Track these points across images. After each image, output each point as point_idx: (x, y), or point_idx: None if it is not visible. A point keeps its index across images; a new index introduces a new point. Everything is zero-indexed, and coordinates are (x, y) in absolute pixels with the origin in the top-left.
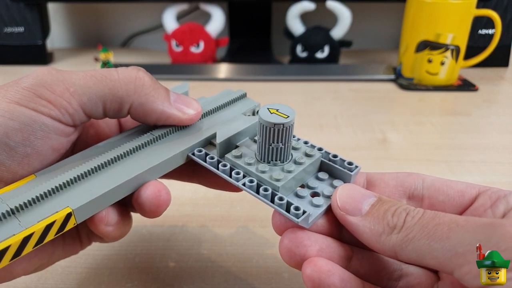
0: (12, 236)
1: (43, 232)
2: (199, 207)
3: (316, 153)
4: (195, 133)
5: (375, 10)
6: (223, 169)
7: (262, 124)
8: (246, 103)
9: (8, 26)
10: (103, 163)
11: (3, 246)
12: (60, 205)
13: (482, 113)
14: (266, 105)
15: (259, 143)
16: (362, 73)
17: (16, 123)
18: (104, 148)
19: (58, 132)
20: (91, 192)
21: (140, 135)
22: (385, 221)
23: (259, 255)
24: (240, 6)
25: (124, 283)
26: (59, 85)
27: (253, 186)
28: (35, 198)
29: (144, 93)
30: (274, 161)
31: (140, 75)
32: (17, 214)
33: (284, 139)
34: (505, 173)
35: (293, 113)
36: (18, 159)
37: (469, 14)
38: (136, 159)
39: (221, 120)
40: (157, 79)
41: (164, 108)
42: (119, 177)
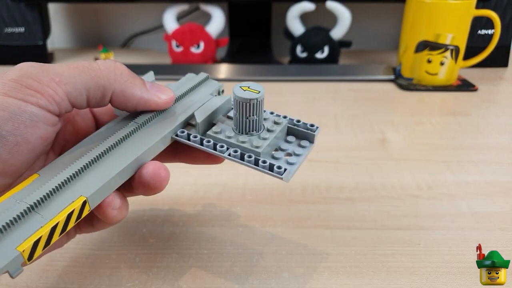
0: (40, 228)
1: (66, 221)
2: (199, 207)
3: (283, 120)
4: (173, 117)
5: (374, 10)
6: (207, 144)
7: (239, 100)
8: (211, 84)
9: (9, 27)
10: (101, 153)
11: (36, 238)
12: (74, 195)
13: (481, 113)
14: (238, 84)
15: (236, 118)
16: (361, 74)
17: (6, 113)
18: (96, 139)
19: (45, 121)
20: (98, 179)
21: (124, 125)
22: None
23: (259, 254)
24: (240, 6)
25: (125, 283)
26: (44, 76)
27: (237, 155)
28: (48, 192)
29: (123, 81)
30: (250, 131)
31: (118, 65)
32: (36, 209)
33: (258, 112)
34: (504, 173)
35: (263, 89)
36: (9, 148)
37: (468, 15)
38: (128, 145)
39: (192, 103)
40: (158, 80)
41: (143, 94)
42: (120, 163)
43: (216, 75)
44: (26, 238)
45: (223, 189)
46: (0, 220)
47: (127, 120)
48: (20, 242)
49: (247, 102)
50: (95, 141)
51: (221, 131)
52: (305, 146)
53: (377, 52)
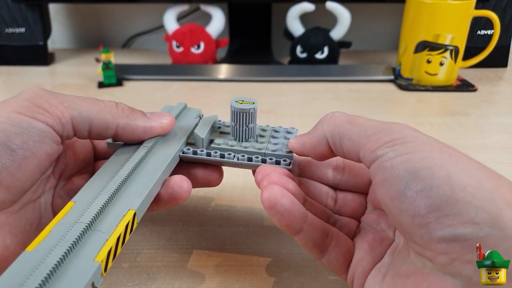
0: (107, 241)
1: (124, 233)
2: (199, 206)
3: (267, 128)
4: (174, 139)
5: (374, 11)
6: (215, 155)
7: (238, 112)
8: (192, 111)
9: (10, 27)
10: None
11: (108, 248)
12: (123, 210)
13: (481, 113)
14: (234, 99)
15: (235, 129)
16: (361, 74)
17: (17, 128)
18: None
19: (51, 138)
20: (138, 194)
21: (135, 149)
22: None
23: (259, 254)
24: (240, 7)
25: (125, 282)
26: (54, 99)
27: (245, 159)
28: (98, 211)
29: (126, 115)
30: (248, 139)
31: (119, 103)
32: (93, 227)
33: (254, 120)
34: (504, 173)
35: (256, 101)
36: (18, 161)
37: (468, 15)
38: (148, 165)
39: (185, 125)
40: (158, 80)
41: (146, 123)
42: (150, 178)
43: (216, 76)
44: (98, 250)
45: (223, 189)
46: (67, 240)
47: (134, 146)
48: (95, 254)
49: (246, 112)
50: (115, 166)
51: (223, 143)
52: (291, 132)
53: (377, 52)
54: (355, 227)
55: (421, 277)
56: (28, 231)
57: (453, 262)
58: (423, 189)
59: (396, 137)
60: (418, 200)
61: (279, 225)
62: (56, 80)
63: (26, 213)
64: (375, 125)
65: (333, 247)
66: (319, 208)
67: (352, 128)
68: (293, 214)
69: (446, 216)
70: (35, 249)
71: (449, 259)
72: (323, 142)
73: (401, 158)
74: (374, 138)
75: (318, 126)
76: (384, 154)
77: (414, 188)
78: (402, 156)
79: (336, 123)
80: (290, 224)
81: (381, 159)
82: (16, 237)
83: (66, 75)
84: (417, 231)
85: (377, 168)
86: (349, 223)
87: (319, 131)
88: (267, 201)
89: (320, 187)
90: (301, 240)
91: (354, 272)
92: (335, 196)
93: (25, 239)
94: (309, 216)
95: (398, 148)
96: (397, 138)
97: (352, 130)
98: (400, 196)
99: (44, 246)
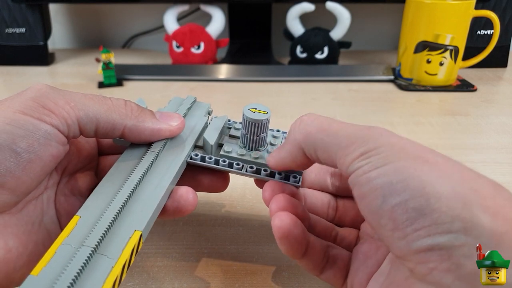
0: (112, 269)
1: (130, 257)
2: (199, 206)
3: (279, 134)
4: (182, 141)
5: (374, 11)
6: (223, 164)
7: (250, 122)
8: (200, 106)
9: (10, 27)
10: (135, 186)
11: (113, 279)
12: (129, 231)
13: (480, 113)
14: (247, 106)
15: (246, 137)
16: (361, 74)
17: (22, 130)
18: (120, 172)
19: (57, 139)
20: (144, 211)
21: (142, 154)
22: None
23: (259, 254)
24: (240, 7)
25: (125, 282)
26: (60, 99)
27: (254, 171)
28: (104, 232)
29: (134, 116)
30: (259, 147)
31: (128, 102)
32: (99, 250)
33: (266, 130)
34: (503, 173)
35: (269, 110)
36: (23, 165)
37: (467, 15)
38: (155, 174)
39: (194, 125)
40: (158, 80)
41: (154, 125)
42: (157, 192)
43: (216, 76)
44: (104, 280)
45: None
46: (72, 268)
47: (142, 149)
48: (101, 285)
49: (259, 123)
50: (122, 174)
51: (232, 151)
52: None
53: (377, 52)
54: (355, 238)
55: (406, 286)
56: (30, 231)
57: (432, 271)
58: (399, 203)
59: (370, 147)
60: (395, 214)
61: (285, 252)
62: (56, 80)
63: (28, 212)
64: (349, 133)
65: (331, 264)
66: (321, 225)
67: (324, 138)
68: (301, 243)
69: (422, 228)
70: (41, 274)
71: (428, 268)
72: (300, 153)
73: (375, 172)
74: (348, 150)
75: (290, 136)
76: (359, 167)
77: (390, 203)
78: (377, 170)
79: (307, 131)
80: (297, 252)
81: (357, 173)
82: (18, 239)
83: (66, 75)
84: (397, 243)
85: (353, 182)
86: (349, 234)
87: (292, 142)
88: (279, 232)
89: (322, 197)
90: (302, 263)
91: (352, 284)
92: (335, 204)
93: (27, 240)
94: (311, 240)
95: (373, 160)
96: (371, 149)
97: (325, 140)
98: (378, 211)
99: (49, 271)
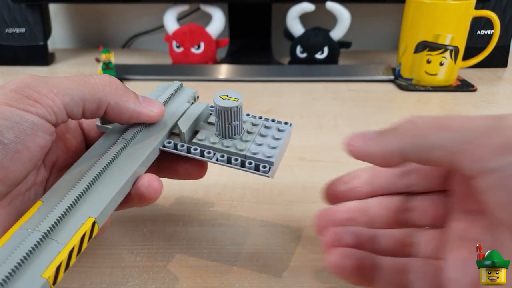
0: (59, 254)
1: (80, 243)
2: (199, 206)
3: (259, 121)
4: (157, 128)
5: (374, 11)
6: (194, 152)
7: (220, 109)
8: (186, 92)
9: (10, 27)
10: (99, 172)
11: (57, 263)
12: (83, 217)
13: (480, 113)
14: (217, 93)
15: (218, 125)
16: (361, 74)
17: (8, 122)
18: (90, 159)
19: (44, 130)
20: (103, 199)
21: (113, 141)
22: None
23: (259, 254)
24: (241, 7)
25: (125, 282)
26: (43, 87)
27: (224, 160)
28: (58, 218)
29: (118, 94)
30: (233, 136)
31: (113, 80)
32: (51, 235)
33: (238, 118)
34: None
35: (241, 96)
36: (10, 155)
37: (467, 15)
38: (122, 161)
39: (173, 112)
40: (158, 80)
41: (136, 107)
42: (119, 179)
43: (216, 76)
44: (48, 265)
45: (223, 189)
46: (20, 251)
47: (114, 137)
48: (44, 270)
49: (228, 110)
50: (90, 161)
51: (205, 138)
52: (283, 129)
53: (377, 52)
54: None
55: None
56: None
57: None
58: None
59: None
60: None
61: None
62: None
63: (15, 207)
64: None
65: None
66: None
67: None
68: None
69: None
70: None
71: None
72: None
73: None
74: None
75: (391, 134)
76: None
77: None
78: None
79: (419, 132)
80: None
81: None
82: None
83: (66, 75)
84: None
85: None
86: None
87: (393, 141)
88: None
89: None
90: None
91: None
92: (408, 205)
93: None
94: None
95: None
96: None
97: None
98: None
99: (1, 252)
